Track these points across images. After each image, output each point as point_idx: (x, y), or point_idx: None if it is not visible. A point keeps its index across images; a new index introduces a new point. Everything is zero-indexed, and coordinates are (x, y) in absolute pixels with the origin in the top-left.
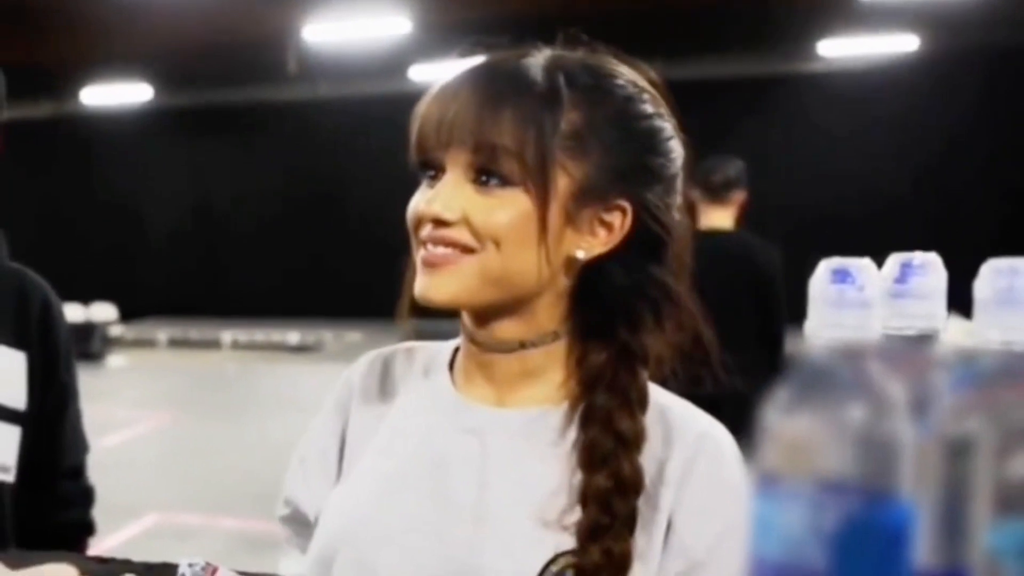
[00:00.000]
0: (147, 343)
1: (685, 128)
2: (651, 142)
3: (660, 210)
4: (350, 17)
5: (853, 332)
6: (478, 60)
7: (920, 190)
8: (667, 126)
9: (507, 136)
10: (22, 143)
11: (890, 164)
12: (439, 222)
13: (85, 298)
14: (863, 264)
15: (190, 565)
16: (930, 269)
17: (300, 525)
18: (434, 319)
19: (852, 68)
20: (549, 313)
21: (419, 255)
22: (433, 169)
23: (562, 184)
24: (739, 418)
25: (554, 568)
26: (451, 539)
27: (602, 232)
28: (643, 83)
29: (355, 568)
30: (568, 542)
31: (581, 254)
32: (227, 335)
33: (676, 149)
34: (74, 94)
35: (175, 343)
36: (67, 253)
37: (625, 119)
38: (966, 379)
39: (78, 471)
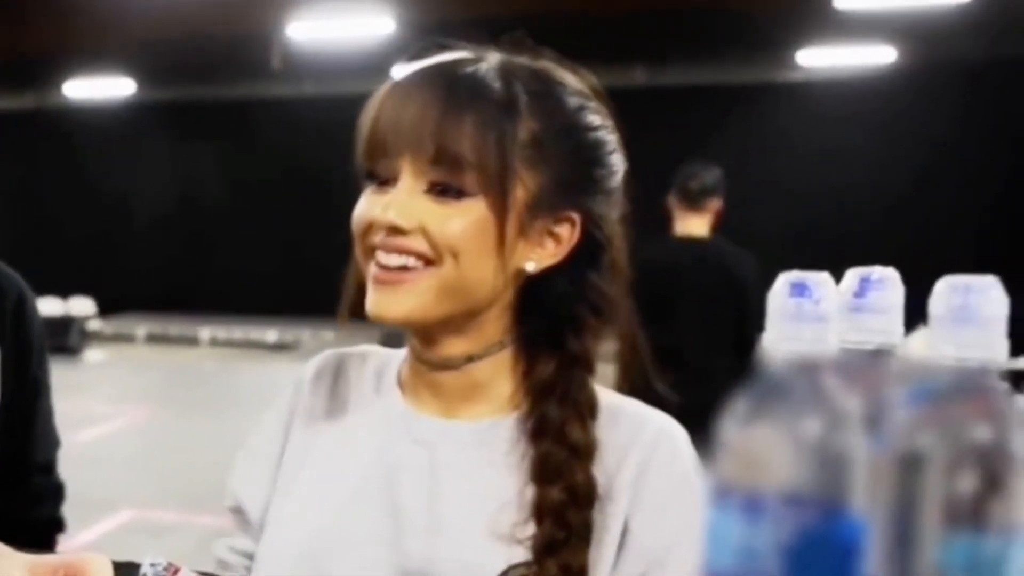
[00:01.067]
0: (125, 338)
1: (625, 135)
2: (598, 154)
3: (604, 220)
4: (334, 16)
5: (810, 345)
6: (431, 62)
7: (898, 201)
8: (612, 138)
9: (468, 145)
10: (3, 135)
11: (867, 174)
12: (394, 230)
13: (64, 292)
14: (821, 278)
15: (152, 565)
16: (888, 284)
17: (242, 519)
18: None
19: (830, 78)
20: (495, 325)
21: (369, 268)
22: (384, 175)
23: (519, 195)
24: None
25: None
26: (406, 551)
27: (550, 243)
28: (588, 92)
29: (302, 571)
30: (520, 555)
31: (531, 266)
32: (206, 331)
33: (619, 160)
34: (57, 86)
35: (153, 338)
36: (46, 246)
37: (576, 130)
38: (920, 394)
39: (49, 467)
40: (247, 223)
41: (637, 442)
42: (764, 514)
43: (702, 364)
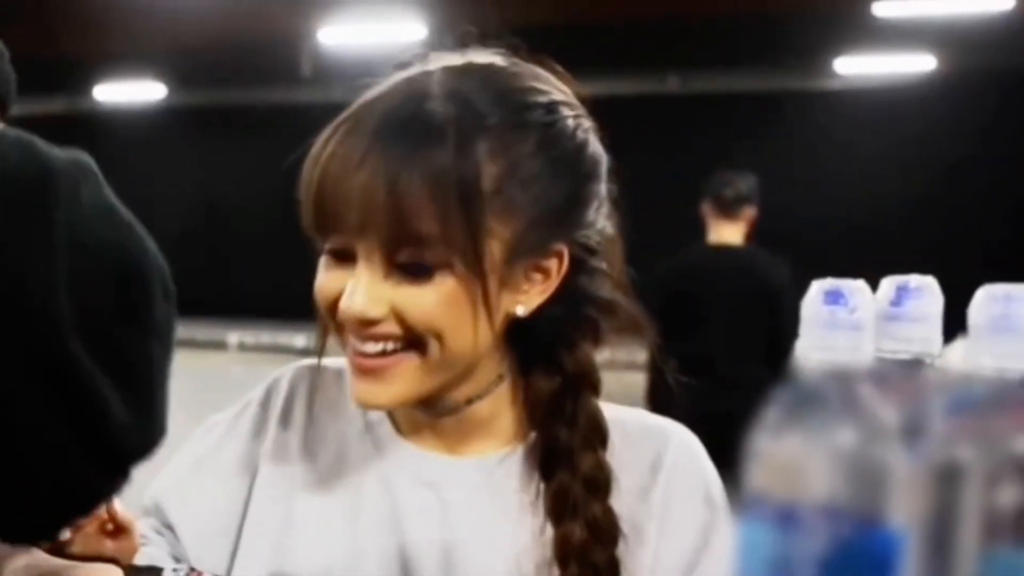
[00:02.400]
0: None
1: (603, 127)
2: (577, 167)
3: (592, 232)
4: (365, 21)
5: (844, 354)
6: (373, 106)
7: (932, 210)
8: (589, 137)
9: (427, 220)
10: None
11: (904, 182)
12: (365, 321)
13: None
14: (856, 286)
15: (174, 570)
16: (926, 292)
17: (161, 525)
18: None
19: (868, 86)
20: (490, 364)
21: (348, 353)
22: (339, 247)
23: (495, 251)
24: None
25: None
26: None
27: (538, 278)
28: (553, 87)
29: None
30: None
31: (521, 311)
32: (234, 336)
33: (598, 156)
34: (88, 91)
35: (181, 343)
36: None
37: (546, 149)
38: (958, 405)
39: None
40: (275, 227)
41: (660, 465)
42: (798, 526)
43: (734, 372)
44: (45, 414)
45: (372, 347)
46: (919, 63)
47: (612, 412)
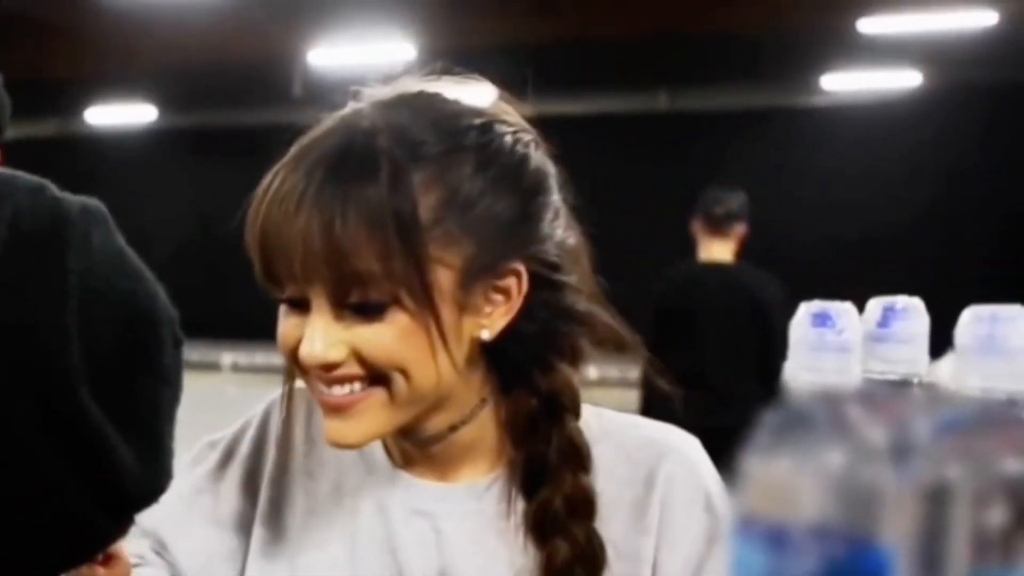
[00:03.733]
0: None
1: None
2: (519, 182)
3: (551, 247)
4: (355, 42)
5: (832, 376)
6: (312, 148)
7: (921, 226)
8: (530, 152)
9: (367, 258)
10: (25, 161)
11: (892, 199)
12: (326, 366)
13: None
14: (843, 308)
15: None
16: (913, 313)
17: (158, 546)
18: None
19: (855, 102)
20: (468, 389)
21: (314, 393)
22: (292, 295)
23: (444, 279)
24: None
25: None
26: None
27: (499, 299)
28: (488, 107)
29: None
30: None
31: (486, 334)
32: (227, 357)
33: (542, 168)
34: (78, 113)
35: None
36: None
37: (484, 169)
38: (946, 426)
39: None
40: None
41: (656, 474)
42: (788, 546)
43: (725, 389)
44: (54, 462)
45: (339, 390)
46: (905, 79)
47: (609, 423)
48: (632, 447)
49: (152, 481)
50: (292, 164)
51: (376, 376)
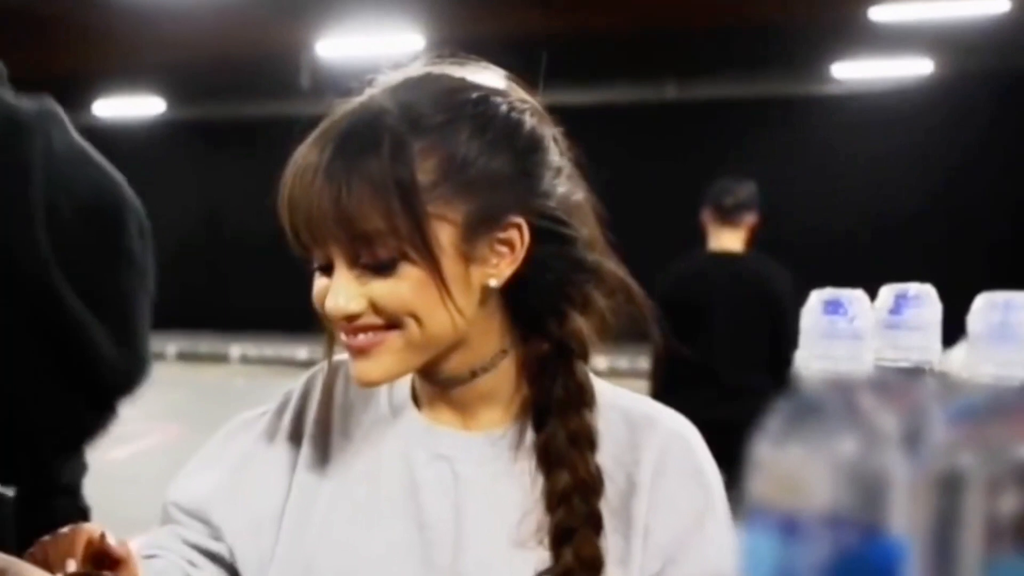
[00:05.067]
0: (155, 356)
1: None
2: (514, 143)
3: (552, 202)
4: (363, 33)
5: (844, 364)
6: (328, 129)
7: (932, 214)
8: (525, 117)
9: (372, 219)
10: None
11: (903, 187)
12: (348, 317)
13: None
14: (855, 295)
15: None
16: (925, 300)
17: (200, 524)
18: None
19: (866, 90)
20: (487, 338)
21: (342, 340)
22: (319, 261)
23: (446, 235)
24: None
25: None
26: (434, 566)
27: (504, 250)
28: (492, 81)
29: None
30: (546, 560)
31: (494, 282)
32: (236, 349)
33: (537, 131)
34: (86, 106)
35: (183, 356)
36: None
37: (480, 133)
38: (959, 413)
39: (73, 490)
40: (275, 240)
41: (650, 443)
42: (800, 535)
43: (736, 380)
44: (31, 347)
45: (362, 336)
46: (916, 67)
47: (618, 394)
48: (634, 417)
49: (129, 366)
50: (311, 143)
51: (392, 324)
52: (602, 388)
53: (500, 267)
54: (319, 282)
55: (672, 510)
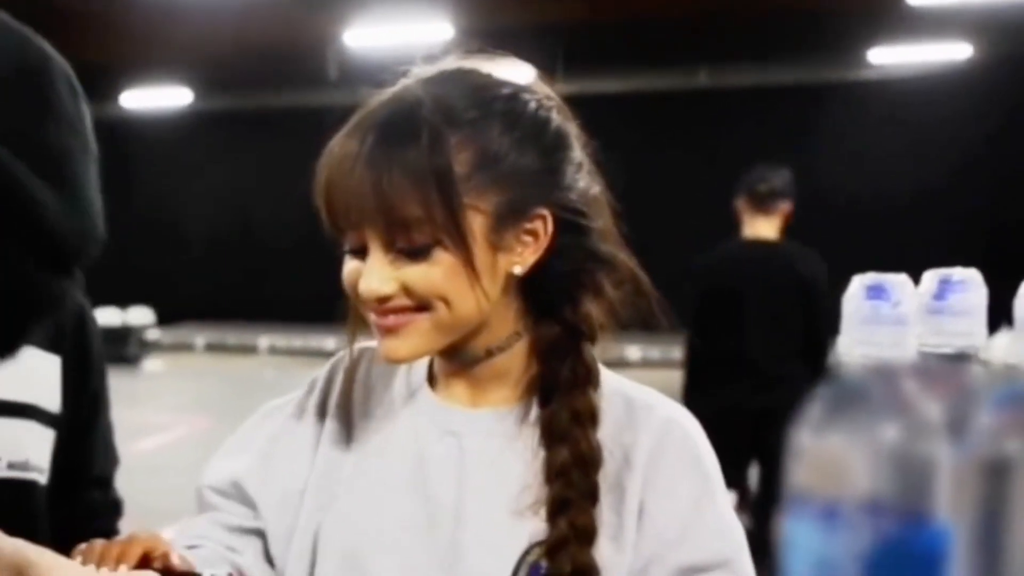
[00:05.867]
0: (184, 347)
1: (594, 137)
2: (542, 140)
3: (574, 195)
4: (392, 22)
5: (887, 350)
6: (362, 119)
7: (972, 202)
8: (552, 115)
9: (411, 207)
10: None
11: (941, 173)
12: (379, 299)
13: (122, 302)
14: (899, 280)
15: (213, 575)
16: (970, 285)
17: (236, 504)
18: None
19: (903, 76)
20: (505, 319)
21: (371, 320)
22: (353, 244)
23: (478, 224)
24: (783, 431)
25: (530, 558)
26: (435, 537)
27: (529, 240)
28: (521, 77)
29: (346, 563)
30: (542, 531)
31: (518, 270)
32: (264, 340)
33: (563, 128)
34: (114, 97)
35: (212, 348)
36: (104, 256)
37: (511, 129)
38: (1004, 399)
39: (106, 482)
40: (304, 230)
41: (647, 428)
42: (843, 523)
43: (769, 368)
44: None
45: (391, 319)
46: (955, 51)
47: (619, 383)
48: (635, 402)
49: (78, 226)
50: (349, 132)
51: (422, 305)
52: (607, 375)
53: (524, 255)
54: (350, 264)
55: (670, 494)
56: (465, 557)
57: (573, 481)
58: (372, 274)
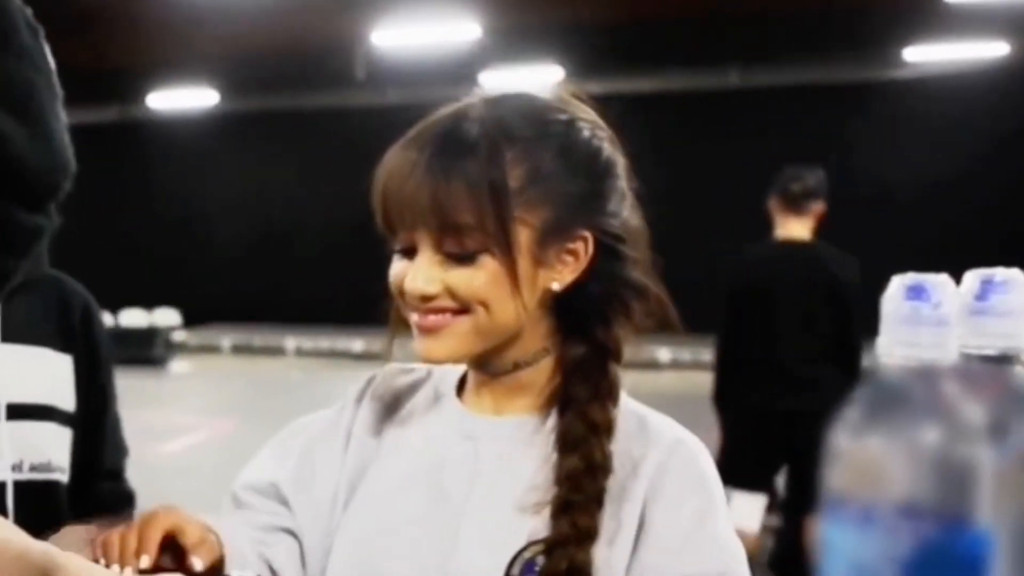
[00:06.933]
0: (210, 349)
1: (624, 137)
2: (593, 167)
3: (616, 222)
4: (419, 22)
5: (928, 351)
6: (424, 129)
7: (1010, 200)
8: (604, 145)
9: (464, 213)
10: (88, 147)
11: (979, 173)
12: (424, 298)
13: (148, 303)
14: (939, 280)
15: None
16: (1012, 286)
17: (272, 503)
18: None
19: (939, 74)
20: (535, 335)
21: (412, 319)
22: (404, 244)
23: (524, 237)
24: (814, 433)
25: (526, 555)
26: (439, 530)
27: (569, 259)
28: (576, 108)
29: (356, 550)
30: (543, 529)
31: (556, 286)
32: (291, 342)
33: (613, 158)
34: (140, 98)
35: (238, 349)
36: (131, 258)
37: (565, 154)
38: None
39: (117, 473)
40: (331, 232)
41: (657, 444)
42: (881, 526)
43: (801, 370)
44: None
45: (432, 319)
46: (991, 49)
47: (635, 404)
48: (647, 421)
49: (48, 161)
50: (409, 142)
51: (463, 308)
52: (626, 397)
53: (564, 273)
54: (398, 264)
55: (674, 507)
56: (462, 548)
57: (582, 485)
58: (419, 273)
